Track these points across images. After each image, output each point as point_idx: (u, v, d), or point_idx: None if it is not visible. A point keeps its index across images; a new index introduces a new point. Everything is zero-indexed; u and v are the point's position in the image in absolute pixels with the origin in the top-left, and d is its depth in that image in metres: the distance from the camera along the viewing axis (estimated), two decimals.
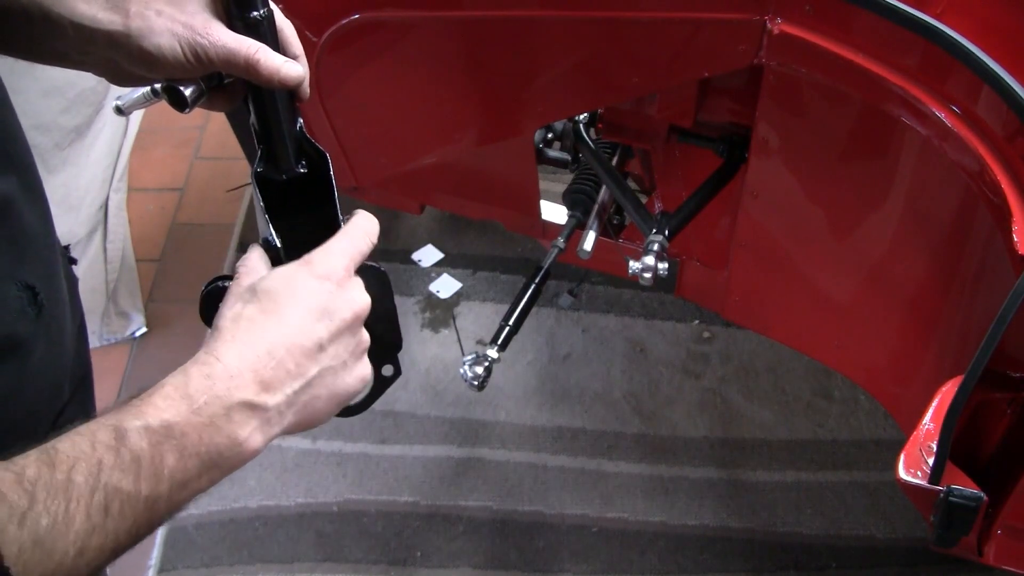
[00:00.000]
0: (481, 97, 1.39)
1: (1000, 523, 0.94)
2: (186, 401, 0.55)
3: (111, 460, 0.51)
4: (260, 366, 0.58)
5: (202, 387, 0.56)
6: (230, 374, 0.57)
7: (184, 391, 0.55)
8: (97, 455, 0.51)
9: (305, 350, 0.60)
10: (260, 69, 0.67)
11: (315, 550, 1.82)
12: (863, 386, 1.45)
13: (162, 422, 0.54)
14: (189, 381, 0.56)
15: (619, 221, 1.75)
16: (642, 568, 1.80)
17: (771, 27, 1.07)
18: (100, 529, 0.50)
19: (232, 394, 0.56)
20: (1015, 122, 0.90)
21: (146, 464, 0.52)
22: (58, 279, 0.77)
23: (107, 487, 0.51)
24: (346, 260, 0.64)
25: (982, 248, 1.01)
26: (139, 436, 0.53)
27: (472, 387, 1.53)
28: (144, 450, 0.52)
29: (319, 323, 0.61)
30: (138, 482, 0.52)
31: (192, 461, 0.54)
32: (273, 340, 0.59)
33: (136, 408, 0.54)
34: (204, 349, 0.59)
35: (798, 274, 1.40)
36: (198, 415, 0.55)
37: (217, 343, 0.59)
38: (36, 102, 1.88)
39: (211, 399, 0.56)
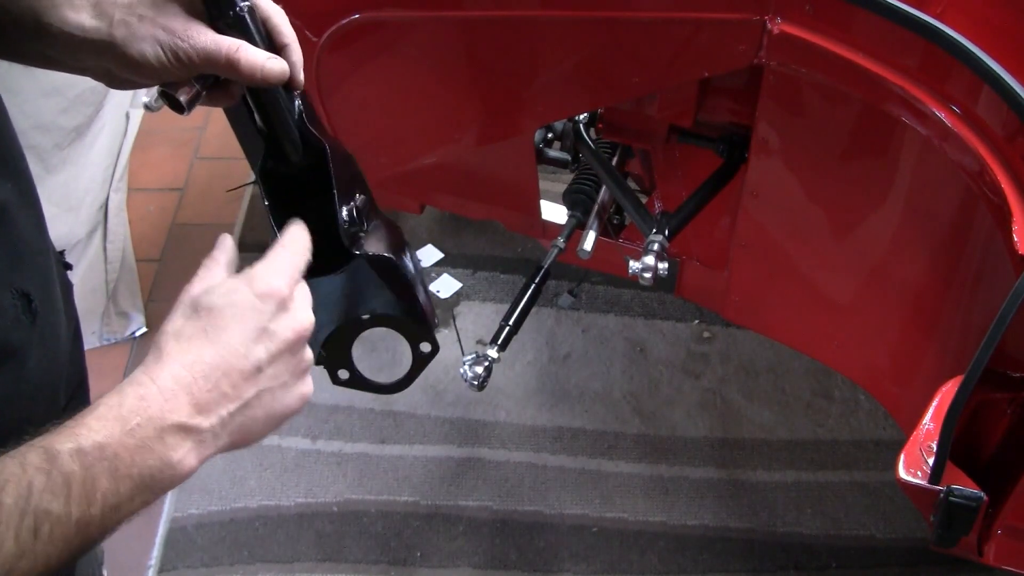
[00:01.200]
0: (481, 97, 1.39)
1: (1000, 523, 0.94)
2: (119, 423, 0.54)
3: (41, 482, 0.51)
4: (196, 388, 0.57)
5: (135, 408, 0.55)
6: (164, 396, 0.56)
7: (118, 412, 0.55)
8: (27, 477, 0.51)
9: (243, 372, 0.60)
10: (241, 68, 0.67)
11: (315, 550, 1.82)
12: (863, 386, 1.45)
13: (94, 444, 0.53)
14: (123, 402, 0.55)
15: (619, 221, 1.75)
16: (642, 568, 1.80)
17: (771, 27, 1.07)
18: (29, 552, 0.50)
19: (166, 416, 0.56)
20: (1015, 122, 0.90)
21: (77, 486, 0.52)
22: (53, 286, 0.77)
23: (37, 510, 0.50)
24: (287, 277, 0.63)
25: (982, 248, 1.01)
26: (71, 458, 0.52)
27: (472, 387, 1.52)
28: (75, 472, 0.52)
29: (258, 344, 0.60)
30: (68, 505, 0.51)
31: (125, 483, 0.54)
32: (210, 362, 0.58)
33: (69, 430, 0.53)
34: (142, 367, 0.58)
35: (798, 274, 1.40)
36: (131, 437, 0.54)
37: (154, 363, 0.58)
38: (36, 102, 1.88)
39: (144, 421, 0.55)
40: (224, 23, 0.68)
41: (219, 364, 0.59)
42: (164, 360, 0.58)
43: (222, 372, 0.59)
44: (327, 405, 2.02)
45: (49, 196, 1.95)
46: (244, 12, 0.68)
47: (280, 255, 0.64)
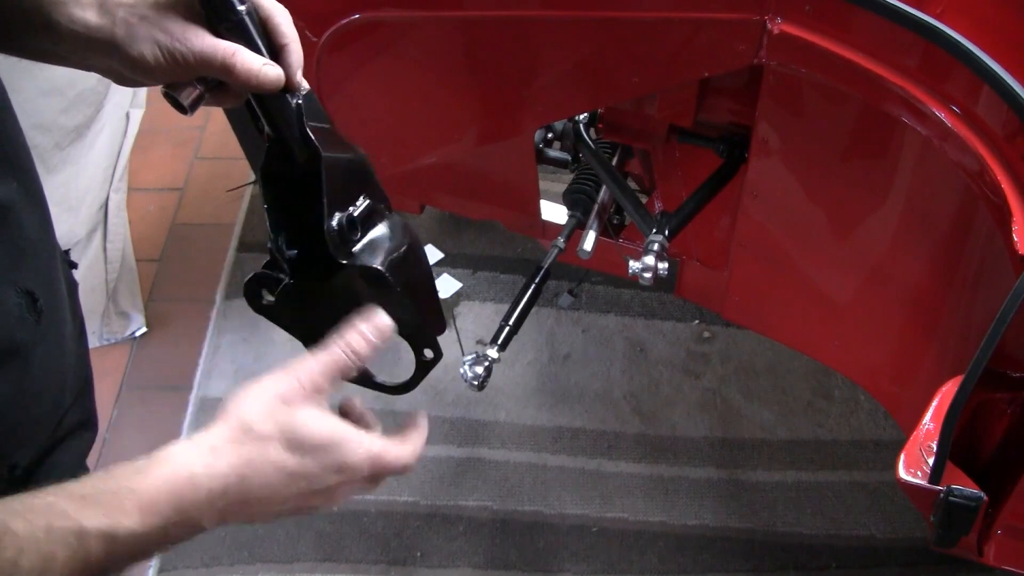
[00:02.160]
0: (481, 97, 1.39)
1: (1000, 523, 0.94)
2: (158, 519, 0.57)
3: (63, 557, 0.53)
4: (232, 509, 0.61)
5: (180, 511, 0.58)
6: (210, 504, 0.59)
7: (162, 510, 0.58)
8: (50, 547, 0.53)
9: (273, 503, 0.63)
10: (236, 72, 0.67)
11: (315, 550, 1.82)
12: (863, 386, 1.45)
13: (127, 533, 0.56)
14: (173, 504, 0.58)
15: (619, 221, 1.75)
16: (642, 568, 1.80)
17: (771, 27, 1.07)
18: None
19: (197, 520, 0.60)
20: (1015, 122, 0.90)
21: (95, 566, 0.55)
22: (58, 284, 0.77)
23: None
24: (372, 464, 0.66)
25: (982, 248, 1.01)
26: (99, 541, 0.55)
27: (472, 387, 1.52)
28: (99, 554, 0.55)
29: (300, 494, 0.63)
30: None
31: (134, 560, 0.58)
32: (259, 498, 0.62)
33: (106, 508, 0.56)
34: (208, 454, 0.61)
35: (798, 274, 1.40)
36: (161, 532, 0.58)
37: (224, 463, 0.61)
38: (36, 102, 1.88)
39: (180, 523, 0.59)
40: (223, 27, 0.68)
41: (262, 499, 0.62)
42: (229, 465, 0.61)
43: (257, 499, 0.62)
44: None
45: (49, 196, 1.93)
46: (243, 16, 0.68)
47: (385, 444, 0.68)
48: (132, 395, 2.08)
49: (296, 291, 0.73)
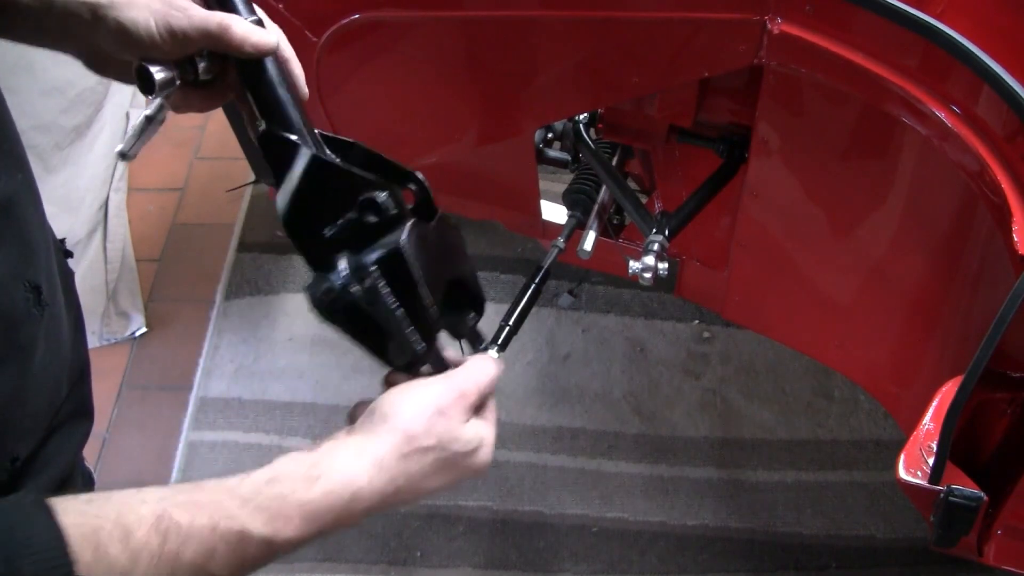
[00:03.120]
0: (481, 97, 1.39)
1: (1000, 523, 0.94)
2: (315, 527, 0.60)
3: (223, 553, 0.56)
4: (376, 506, 0.64)
5: (337, 523, 0.62)
6: (360, 508, 0.63)
7: (322, 521, 0.61)
8: (213, 543, 0.55)
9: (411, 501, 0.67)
10: (232, 34, 0.67)
11: (315, 550, 1.82)
12: (863, 386, 1.45)
13: (285, 541, 0.59)
14: (333, 514, 0.61)
15: (619, 221, 1.75)
16: (642, 568, 1.80)
17: (771, 27, 1.07)
18: None
19: (348, 523, 0.63)
20: (1015, 122, 0.90)
21: (248, 566, 0.58)
22: (55, 277, 0.77)
23: (206, 574, 0.55)
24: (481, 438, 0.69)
25: (982, 248, 1.01)
26: (259, 547, 0.58)
27: None
28: (257, 558, 0.58)
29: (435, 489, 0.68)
30: (232, 573, 0.57)
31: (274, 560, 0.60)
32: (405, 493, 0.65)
33: (273, 515, 0.58)
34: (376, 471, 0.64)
35: (798, 274, 1.40)
36: (315, 537, 0.61)
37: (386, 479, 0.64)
38: (36, 102, 1.88)
39: (334, 529, 0.62)
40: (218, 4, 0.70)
41: (406, 501, 0.66)
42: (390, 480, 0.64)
43: (401, 504, 0.66)
44: (327, 405, 2.02)
45: (49, 196, 1.94)
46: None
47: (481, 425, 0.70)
48: (132, 395, 2.08)
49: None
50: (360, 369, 2.06)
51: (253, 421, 1.99)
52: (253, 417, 2.00)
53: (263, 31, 0.69)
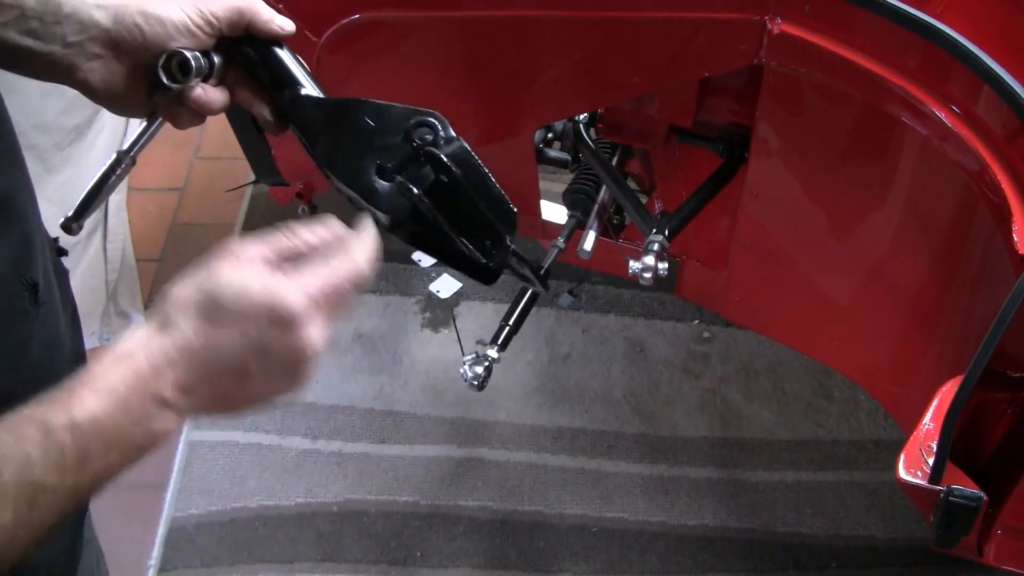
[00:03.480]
0: (481, 97, 1.39)
1: (1000, 523, 0.94)
2: (112, 397, 0.57)
3: (38, 456, 0.53)
4: (182, 371, 0.59)
5: (130, 384, 0.57)
6: (154, 372, 0.58)
7: (112, 386, 0.57)
8: (24, 450, 0.53)
9: (231, 374, 0.60)
10: (261, 14, 0.72)
11: (315, 550, 1.82)
12: (863, 386, 1.45)
13: (89, 417, 0.55)
14: (117, 375, 0.58)
15: (619, 221, 1.75)
16: (642, 568, 1.80)
17: (771, 27, 1.07)
18: (26, 522, 0.53)
19: (149, 388, 0.58)
20: (1015, 122, 0.90)
21: (71, 459, 0.54)
22: (51, 273, 0.77)
23: (33, 483, 0.53)
24: (311, 297, 0.61)
25: (982, 248, 1.01)
26: (64, 432, 0.54)
27: (472, 387, 1.52)
28: (68, 446, 0.54)
29: (253, 357, 0.60)
30: (63, 476, 0.54)
31: (113, 453, 0.57)
32: (201, 355, 0.59)
33: (63, 402, 0.56)
34: (141, 333, 0.60)
35: (798, 274, 1.40)
36: (123, 412, 0.57)
37: (154, 333, 0.60)
38: (36, 102, 1.88)
39: (136, 398, 0.57)
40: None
41: (209, 359, 0.60)
42: (162, 334, 0.59)
43: (208, 368, 0.60)
44: (327, 405, 2.02)
45: (49, 196, 1.95)
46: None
47: (319, 271, 0.62)
48: None
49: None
50: (360, 369, 2.06)
51: (253, 421, 1.99)
52: (253, 417, 2.00)
53: (281, 16, 0.74)
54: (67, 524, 0.79)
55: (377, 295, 2.20)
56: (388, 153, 0.71)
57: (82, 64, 0.70)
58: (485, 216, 0.73)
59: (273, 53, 0.75)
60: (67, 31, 0.68)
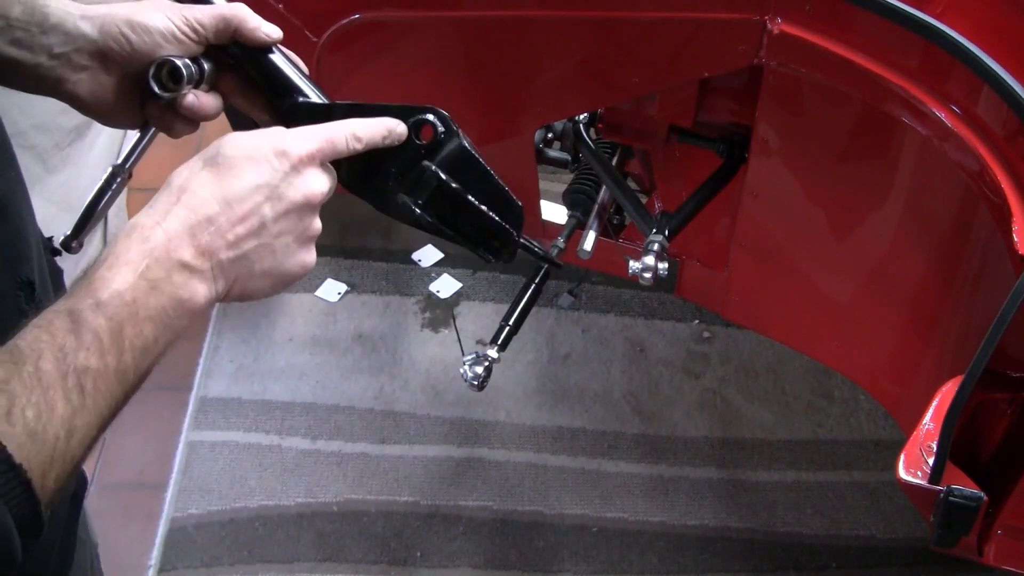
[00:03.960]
0: (481, 97, 1.39)
1: (1000, 523, 0.94)
2: (130, 268, 0.57)
3: (73, 343, 0.53)
4: (198, 231, 0.60)
5: (142, 251, 0.58)
6: (168, 237, 0.59)
7: (127, 257, 0.57)
8: (58, 341, 0.53)
9: (247, 224, 0.62)
10: (248, 22, 0.71)
11: (315, 550, 1.82)
12: (863, 386, 1.45)
13: (112, 293, 0.55)
14: (131, 247, 0.58)
15: (619, 221, 1.75)
16: (642, 568, 1.80)
17: (771, 27, 1.07)
18: (81, 408, 0.53)
19: (170, 255, 0.58)
20: (1015, 122, 0.90)
21: (107, 338, 0.54)
22: (46, 273, 0.77)
23: (76, 369, 0.53)
24: (313, 145, 0.65)
25: (982, 248, 1.01)
26: (93, 313, 0.54)
27: (472, 387, 1.53)
28: (102, 325, 0.54)
29: (265, 201, 0.62)
30: (104, 357, 0.54)
31: (147, 326, 0.57)
32: (215, 208, 0.61)
33: (85, 288, 0.56)
34: (150, 209, 0.61)
35: (798, 274, 1.40)
36: (143, 279, 0.57)
37: (162, 203, 0.61)
38: (36, 102, 1.88)
39: (153, 263, 0.58)
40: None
41: (223, 211, 0.61)
42: (172, 203, 0.61)
43: (225, 219, 0.61)
44: (327, 405, 2.02)
45: (49, 196, 1.95)
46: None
47: (320, 127, 0.66)
48: None
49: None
50: (360, 369, 2.06)
51: (253, 421, 1.99)
52: (253, 417, 2.00)
53: (271, 24, 0.73)
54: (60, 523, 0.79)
55: (377, 295, 2.20)
56: (390, 157, 0.71)
57: (69, 76, 0.70)
58: (490, 217, 0.73)
59: (267, 61, 0.74)
60: (53, 42, 0.68)
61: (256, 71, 0.74)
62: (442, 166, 0.71)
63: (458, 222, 0.73)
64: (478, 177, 0.72)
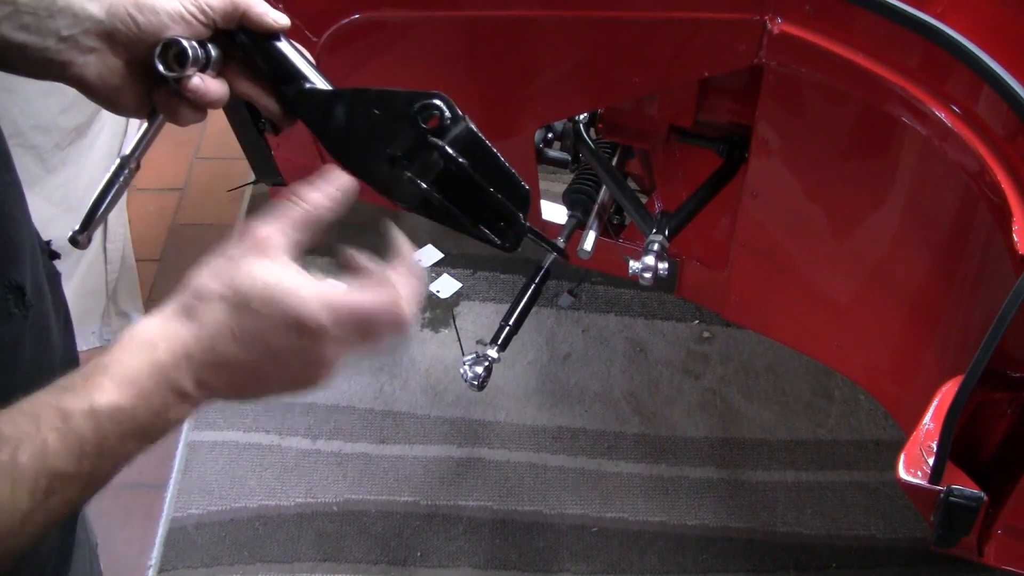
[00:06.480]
0: (481, 97, 1.39)
1: (1000, 523, 0.94)
2: (133, 388, 0.56)
3: (55, 442, 0.53)
4: (202, 369, 0.59)
5: (149, 374, 0.57)
6: (174, 365, 0.58)
7: (133, 377, 0.57)
8: (42, 436, 0.53)
9: (249, 378, 0.61)
10: (255, 7, 0.71)
11: (315, 550, 1.82)
12: (863, 386, 1.45)
13: (108, 405, 0.55)
14: (138, 367, 0.57)
15: (619, 221, 1.75)
16: (642, 568, 1.80)
17: (771, 27, 1.07)
18: (42, 507, 0.53)
19: (171, 382, 0.58)
20: (1015, 122, 0.90)
21: (90, 448, 0.54)
22: (41, 277, 0.77)
23: (51, 471, 0.53)
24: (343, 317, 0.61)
25: (982, 248, 1.01)
26: (84, 419, 0.54)
27: (472, 387, 1.52)
28: (88, 434, 0.54)
29: (273, 362, 0.61)
30: (80, 464, 0.54)
31: (131, 442, 0.57)
32: (223, 358, 0.59)
33: (82, 388, 0.56)
34: (161, 318, 0.60)
35: (798, 274, 1.40)
36: (142, 402, 0.57)
37: (174, 321, 0.60)
38: (36, 102, 1.88)
39: (153, 387, 0.57)
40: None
41: (230, 358, 0.60)
42: (184, 324, 0.59)
43: (228, 365, 0.60)
44: (327, 405, 2.02)
45: (49, 196, 1.95)
46: None
47: (355, 293, 0.62)
48: None
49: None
50: (360, 369, 2.07)
51: (253, 421, 1.99)
52: (253, 417, 2.00)
53: (276, 11, 0.73)
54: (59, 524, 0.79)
55: None
56: (396, 141, 0.71)
57: (77, 59, 0.69)
58: (497, 198, 0.73)
59: (273, 47, 0.74)
60: (60, 25, 0.68)
61: (263, 57, 0.74)
62: (453, 146, 0.71)
63: (464, 204, 0.72)
64: (485, 159, 0.72)
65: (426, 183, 0.71)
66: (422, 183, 0.71)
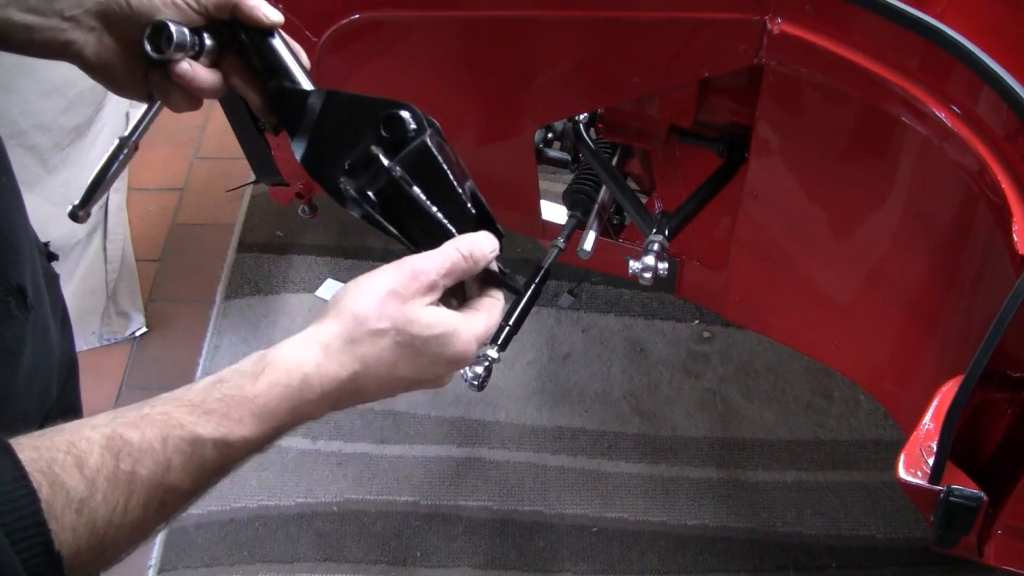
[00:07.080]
0: (481, 97, 1.39)
1: (1000, 523, 0.94)
2: (271, 424, 0.58)
3: (179, 463, 0.54)
4: (343, 403, 0.63)
5: (291, 411, 0.59)
6: (323, 402, 0.61)
7: (274, 412, 0.59)
8: (167, 455, 0.54)
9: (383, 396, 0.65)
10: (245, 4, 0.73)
11: (315, 550, 1.82)
12: (863, 386, 1.45)
13: (240, 440, 0.57)
14: (284, 404, 0.59)
15: (619, 221, 1.75)
16: (642, 568, 1.80)
17: (771, 27, 1.07)
18: (151, 521, 0.54)
19: (309, 417, 0.61)
20: (1015, 122, 0.90)
21: (210, 469, 0.56)
22: (40, 278, 0.77)
23: (170, 488, 0.54)
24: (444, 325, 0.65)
25: (982, 248, 1.01)
26: (213, 448, 0.56)
27: (472, 387, 1.52)
28: (214, 459, 0.56)
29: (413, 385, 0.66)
30: (197, 482, 0.56)
31: (239, 465, 0.59)
32: (372, 393, 0.64)
33: (220, 416, 0.57)
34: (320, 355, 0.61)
35: (798, 274, 1.40)
36: (274, 433, 0.59)
37: (335, 355, 0.61)
38: (36, 102, 1.88)
39: (292, 422, 0.60)
40: None
41: (372, 395, 0.64)
42: (341, 355, 0.61)
43: (365, 398, 0.64)
44: None
45: (49, 196, 1.95)
46: None
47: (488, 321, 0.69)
48: (132, 395, 2.08)
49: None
50: None
51: None
52: None
53: (268, 6, 0.74)
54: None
55: None
56: (357, 149, 0.72)
57: (78, 38, 0.71)
58: (437, 218, 0.72)
59: (264, 42, 0.74)
60: (63, 5, 0.70)
61: (253, 50, 0.75)
62: (403, 162, 0.71)
63: (402, 222, 0.72)
64: (435, 178, 0.72)
65: (369, 196, 0.71)
66: (365, 195, 0.71)
